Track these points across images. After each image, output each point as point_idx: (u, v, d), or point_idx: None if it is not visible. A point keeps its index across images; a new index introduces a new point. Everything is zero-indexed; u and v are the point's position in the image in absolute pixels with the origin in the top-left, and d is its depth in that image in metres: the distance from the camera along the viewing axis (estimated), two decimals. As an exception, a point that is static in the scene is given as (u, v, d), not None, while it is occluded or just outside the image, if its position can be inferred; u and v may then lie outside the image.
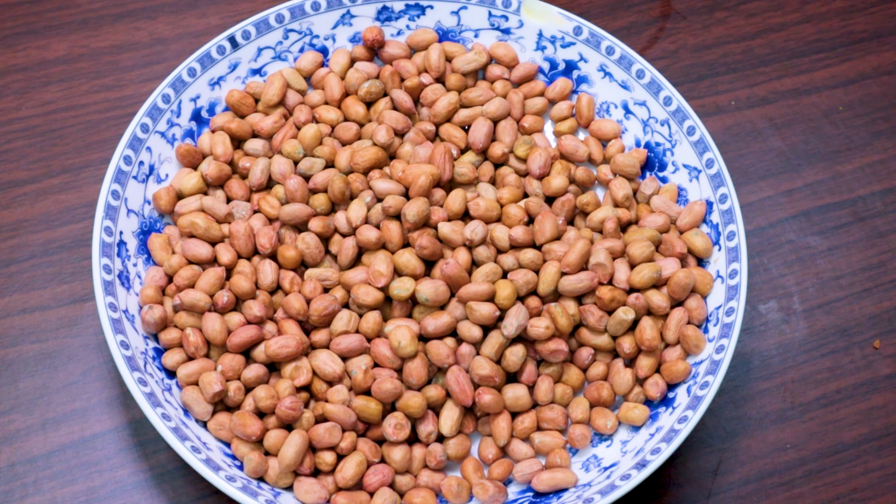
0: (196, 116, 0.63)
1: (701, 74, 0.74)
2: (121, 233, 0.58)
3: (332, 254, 0.60)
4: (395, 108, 0.64)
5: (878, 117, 0.73)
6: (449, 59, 0.66)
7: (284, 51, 0.65)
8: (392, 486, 0.55)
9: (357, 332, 0.57)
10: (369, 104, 0.64)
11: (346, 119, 0.64)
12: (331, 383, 0.56)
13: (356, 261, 0.59)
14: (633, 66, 0.65)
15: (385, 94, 0.65)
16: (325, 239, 0.59)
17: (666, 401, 0.58)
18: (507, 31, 0.67)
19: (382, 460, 0.56)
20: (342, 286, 0.58)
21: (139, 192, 0.60)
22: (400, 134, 0.63)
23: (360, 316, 0.58)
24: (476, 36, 0.67)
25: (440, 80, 0.66)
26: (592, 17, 0.75)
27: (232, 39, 0.64)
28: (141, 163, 0.61)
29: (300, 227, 0.60)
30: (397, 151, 0.62)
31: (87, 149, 0.68)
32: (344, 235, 0.59)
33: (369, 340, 0.57)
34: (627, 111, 0.65)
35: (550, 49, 0.67)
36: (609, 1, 0.76)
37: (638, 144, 0.65)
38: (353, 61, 0.66)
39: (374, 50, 0.66)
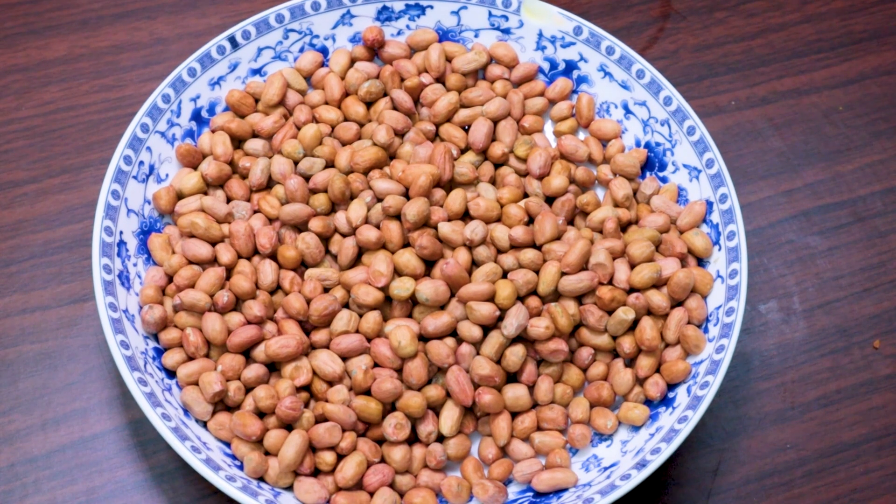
0: (196, 116, 0.63)
1: (701, 74, 0.74)
2: (121, 233, 0.58)
3: (332, 254, 0.60)
4: (395, 108, 0.64)
5: (878, 117, 0.73)
6: (449, 59, 0.66)
7: (284, 51, 0.65)
8: (392, 486, 0.55)
9: (357, 332, 0.57)
10: (369, 104, 0.64)
11: (346, 119, 0.64)
12: (331, 383, 0.56)
13: (356, 261, 0.59)
14: (633, 66, 0.64)
15: (385, 94, 0.65)
16: (325, 239, 0.59)
17: (666, 401, 0.58)
18: (507, 31, 0.67)
19: (382, 460, 0.56)
20: (342, 286, 0.58)
21: (139, 192, 0.60)
22: (400, 134, 0.63)
23: (360, 316, 0.57)
24: (476, 36, 0.67)
25: (440, 80, 0.66)
26: (592, 17, 0.75)
27: (232, 39, 0.64)
28: (141, 163, 0.61)
29: (300, 227, 0.60)
30: (397, 151, 0.62)
31: (87, 149, 0.68)
32: (344, 235, 0.59)
33: (369, 340, 0.57)
34: (627, 111, 0.65)
35: (550, 49, 0.67)
36: (609, 1, 0.76)
37: (638, 144, 0.65)
38: (353, 61, 0.66)
39: (374, 50, 0.66)
